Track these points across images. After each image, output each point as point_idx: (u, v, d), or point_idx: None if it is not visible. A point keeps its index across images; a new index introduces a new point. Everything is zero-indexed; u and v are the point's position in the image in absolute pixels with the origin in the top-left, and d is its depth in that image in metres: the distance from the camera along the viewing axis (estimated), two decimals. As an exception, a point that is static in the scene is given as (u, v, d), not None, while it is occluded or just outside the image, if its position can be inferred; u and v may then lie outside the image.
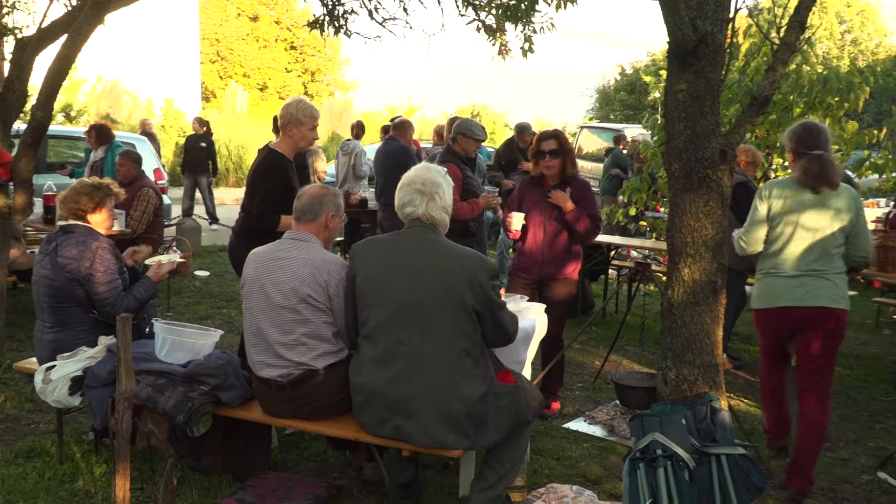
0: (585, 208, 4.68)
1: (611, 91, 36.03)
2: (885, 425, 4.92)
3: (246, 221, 4.30)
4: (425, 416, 3.02)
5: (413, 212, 3.18)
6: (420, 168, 3.30)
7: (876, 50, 38.32)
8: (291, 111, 4.27)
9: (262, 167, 4.28)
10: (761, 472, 2.81)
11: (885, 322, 7.77)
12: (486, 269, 3.08)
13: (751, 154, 5.88)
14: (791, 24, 3.39)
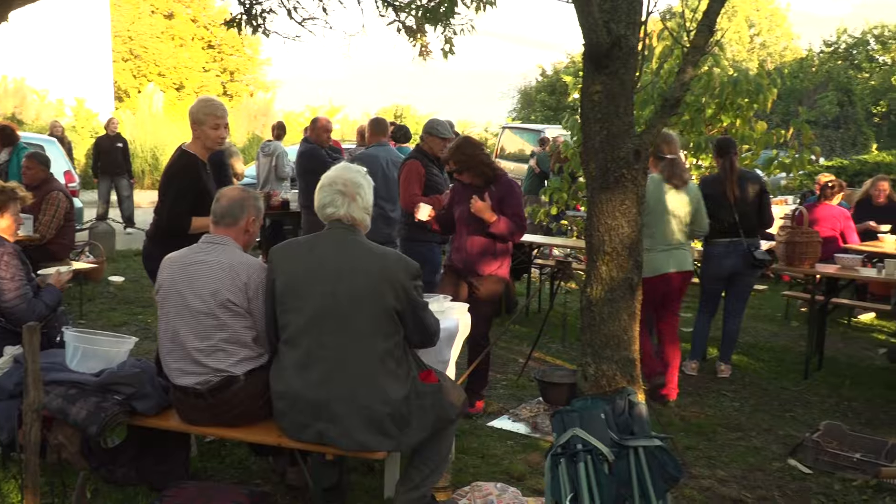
0: (509, 207, 4.72)
1: (532, 92, 36.52)
2: (795, 414, 5.13)
3: (159, 225, 4.20)
4: (348, 420, 2.99)
5: (334, 212, 3.14)
6: (341, 168, 3.27)
7: (783, 53, 39.99)
8: (193, 111, 4.24)
9: (173, 169, 4.21)
10: (676, 463, 2.89)
11: (793, 314, 8.09)
12: (407, 270, 3.08)
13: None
14: (700, 28, 3.50)
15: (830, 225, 7.75)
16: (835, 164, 16.77)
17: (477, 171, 4.76)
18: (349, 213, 3.14)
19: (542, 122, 27.49)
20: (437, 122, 5.86)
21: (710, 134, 8.81)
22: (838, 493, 3.89)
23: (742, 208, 5.64)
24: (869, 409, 5.26)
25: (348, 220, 3.14)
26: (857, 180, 13.90)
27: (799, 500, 3.81)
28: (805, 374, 5.92)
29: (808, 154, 9.19)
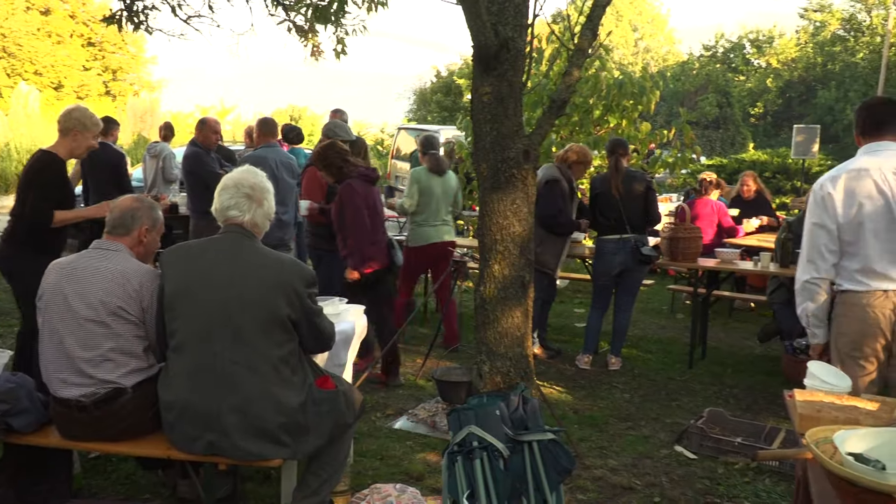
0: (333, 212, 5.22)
1: (427, 93, 36.72)
2: (681, 402, 5.35)
3: (17, 224, 4.21)
4: (240, 430, 2.91)
5: (237, 216, 3.04)
6: (246, 171, 3.16)
7: (666, 56, 41.72)
8: (78, 116, 4.29)
9: (35, 167, 4.24)
10: (569, 455, 2.97)
11: (679, 307, 8.44)
12: (302, 277, 3.02)
13: (582, 154, 6.18)
14: (584, 32, 3.61)
15: (710, 220, 8.16)
16: (715, 163, 17.64)
17: (327, 170, 5.25)
18: (253, 218, 3.06)
19: (439, 122, 27.67)
20: (335, 125, 5.90)
21: (598, 134, 9.10)
22: (721, 476, 4.09)
23: (629, 206, 5.85)
24: (749, 394, 5.54)
25: (250, 225, 3.06)
26: (736, 178, 14.65)
27: (685, 485, 3.98)
28: (690, 363, 6.19)
29: (689, 153, 9.63)
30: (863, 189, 3.13)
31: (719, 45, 38.18)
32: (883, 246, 3.11)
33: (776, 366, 6.14)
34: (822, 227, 3.20)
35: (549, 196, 5.88)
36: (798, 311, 3.35)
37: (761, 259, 6.15)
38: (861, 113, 3.36)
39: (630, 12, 42.45)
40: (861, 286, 3.15)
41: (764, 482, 4.00)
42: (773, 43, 36.64)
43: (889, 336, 3.15)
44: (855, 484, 1.78)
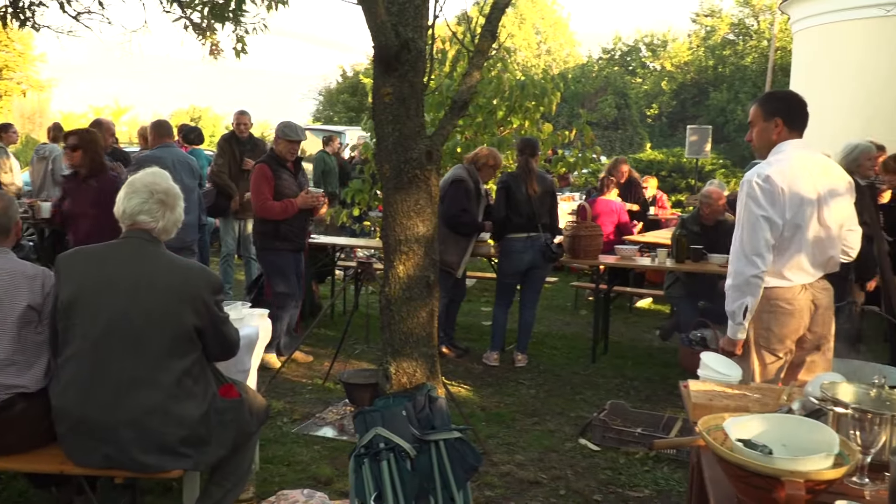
0: None
1: (334, 93, 36.39)
2: (584, 396, 5.49)
3: None
4: (139, 444, 2.79)
5: (147, 223, 2.90)
6: (158, 175, 3.02)
7: (567, 59, 42.66)
8: None
9: None
10: (476, 453, 3.00)
11: (582, 304, 8.65)
12: (210, 285, 2.92)
13: (493, 157, 6.25)
14: (483, 33, 3.65)
15: (610, 219, 8.40)
16: (615, 163, 18.11)
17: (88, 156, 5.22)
18: (165, 225, 2.94)
19: (346, 123, 27.46)
20: (286, 125, 5.84)
21: (502, 135, 9.23)
22: (623, 466, 4.22)
23: (540, 205, 5.97)
24: (648, 386, 5.74)
25: (160, 232, 2.93)
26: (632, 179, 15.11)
27: (589, 477, 4.08)
28: (593, 358, 6.36)
29: (590, 153, 9.88)
30: (803, 186, 3.16)
31: (617, 49, 39.36)
32: (809, 242, 3.19)
33: (674, 357, 6.37)
34: (769, 221, 3.12)
35: (453, 195, 5.93)
36: (731, 306, 3.24)
37: (658, 255, 6.37)
38: (786, 107, 3.27)
39: (533, 16, 43.21)
40: (786, 282, 3.22)
41: (663, 470, 4.15)
42: (668, 47, 38.03)
43: (807, 325, 3.26)
44: (744, 468, 1.86)
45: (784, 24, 25.09)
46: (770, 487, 1.80)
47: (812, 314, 3.25)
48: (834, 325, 3.36)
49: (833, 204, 3.19)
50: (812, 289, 3.24)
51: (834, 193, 3.20)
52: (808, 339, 3.29)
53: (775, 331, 3.24)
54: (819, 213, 3.17)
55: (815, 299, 3.24)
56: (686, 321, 6.34)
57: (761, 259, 3.12)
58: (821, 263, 3.25)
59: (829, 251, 3.24)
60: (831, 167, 3.30)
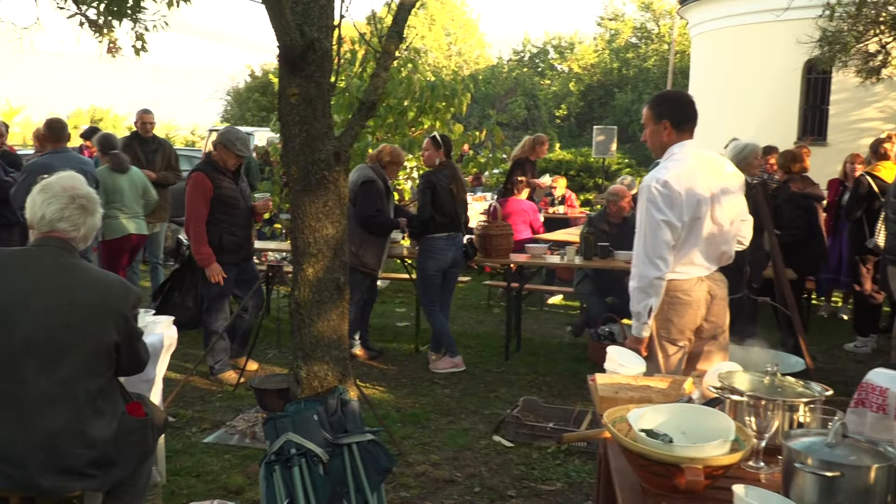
0: None
1: (243, 92, 35.66)
2: (498, 393, 5.55)
3: None
4: (45, 466, 2.61)
5: (67, 231, 2.69)
6: (77, 178, 2.81)
7: (477, 60, 43.06)
8: None
9: None
10: (388, 454, 3.00)
11: (495, 302, 8.74)
12: (130, 299, 2.77)
13: (395, 155, 6.23)
14: (390, 34, 3.65)
15: (522, 218, 8.53)
16: (525, 163, 18.41)
17: None
18: (85, 233, 2.74)
19: (257, 123, 26.92)
20: (237, 138, 5.51)
21: (413, 136, 9.24)
22: (536, 460, 4.29)
23: (460, 204, 6.01)
24: (560, 381, 5.85)
25: (78, 241, 2.73)
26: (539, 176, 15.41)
27: (503, 473, 4.13)
28: (506, 355, 6.44)
29: (500, 153, 10.00)
30: (698, 187, 3.26)
31: (526, 51, 39.98)
32: (704, 238, 3.33)
33: (584, 353, 6.51)
34: (669, 225, 3.20)
35: (366, 197, 5.90)
36: (637, 307, 3.31)
37: (567, 253, 6.50)
38: (672, 109, 3.34)
39: (443, 17, 43.43)
40: (683, 275, 3.34)
41: (574, 463, 4.24)
42: (574, 49, 38.88)
43: (704, 315, 3.40)
44: (646, 457, 1.92)
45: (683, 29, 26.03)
46: (671, 474, 1.86)
47: (708, 305, 3.40)
48: (728, 315, 3.52)
49: (725, 201, 3.34)
50: (708, 280, 3.38)
51: (726, 191, 3.35)
52: (706, 329, 3.44)
53: (675, 321, 3.37)
54: (712, 210, 3.31)
55: (710, 290, 3.39)
56: (595, 316, 6.50)
57: (663, 262, 3.22)
58: (715, 257, 3.40)
59: (723, 246, 3.39)
60: (724, 166, 3.44)
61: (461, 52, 43.55)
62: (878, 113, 14.08)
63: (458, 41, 44.12)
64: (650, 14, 37.40)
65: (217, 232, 5.43)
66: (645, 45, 36.94)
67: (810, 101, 15.17)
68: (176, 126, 33.43)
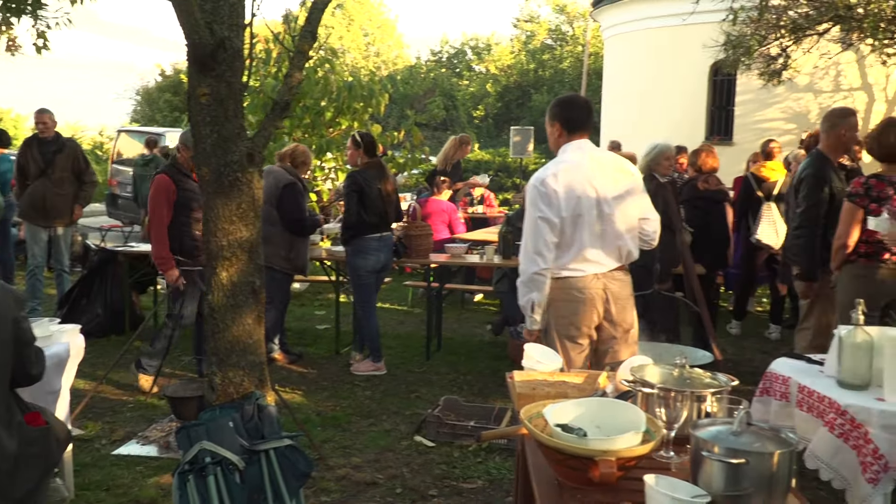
0: None
1: (153, 92, 34.60)
2: (419, 393, 5.55)
3: None
4: None
5: None
6: None
7: (396, 60, 43.00)
8: None
9: None
10: (307, 459, 2.96)
11: (416, 302, 8.74)
12: (18, 303, 2.67)
13: (306, 154, 6.16)
14: (303, 34, 3.59)
15: (441, 218, 8.56)
16: (444, 163, 18.49)
17: None
18: None
19: (169, 124, 26.16)
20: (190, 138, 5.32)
21: (331, 136, 9.17)
22: (457, 459, 4.31)
23: (390, 204, 5.96)
24: (480, 380, 5.89)
25: None
26: (465, 176, 15.50)
27: (424, 473, 4.14)
28: (427, 355, 6.45)
29: (419, 154, 10.01)
30: (579, 185, 3.38)
31: (444, 51, 40.16)
32: (594, 236, 3.41)
33: (504, 350, 6.58)
34: (547, 221, 3.35)
35: (291, 200, 5.81)
36: (521, 301, 3.49)
37: (486, 252, 6.56)
38: (561, 111, 3.53)
39: (361, 17, 43.17)
40: (578, 272, 3.42)
41: (495, 460, 4.28)
42: (492, 50, 39.27)
43: (602, 313, 3.48)
44: (561, 452, 1.95)
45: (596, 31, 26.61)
46: (585, 468, 1.90)
47: (605, 302, 3.46)
48: (634, 312, 3.60)
49: (615, 199, 3.42)
50: (605, 278, 3.45)
51: (617, 189, 3.44)
52: (606, 327, 3.51)
53: (571, 319, 3.46)
54: (600, 208, 3.40)
55: (606, 288, 3.45)
56: (514, 314, 6.57)
57: (542, 257, 3.37)
58: (612, 254, 3.46)
59: (617, 242, 3.45)
60: (614, 165, 3.52)
61: (379, 52, 43.42)
62: (780, 113, 14.72)
63: (376, 41, 43.96)
64: (565, 16, 38.10)
65: (180, 235, 5.26)
66: (560, 47, 37.61)
67: (717, 103, 15.76)
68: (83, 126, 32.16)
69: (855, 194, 4.16)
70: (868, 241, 4.14)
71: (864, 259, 4.16)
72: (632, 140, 12.90)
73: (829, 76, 13.90)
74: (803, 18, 8.39)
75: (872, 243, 4.12)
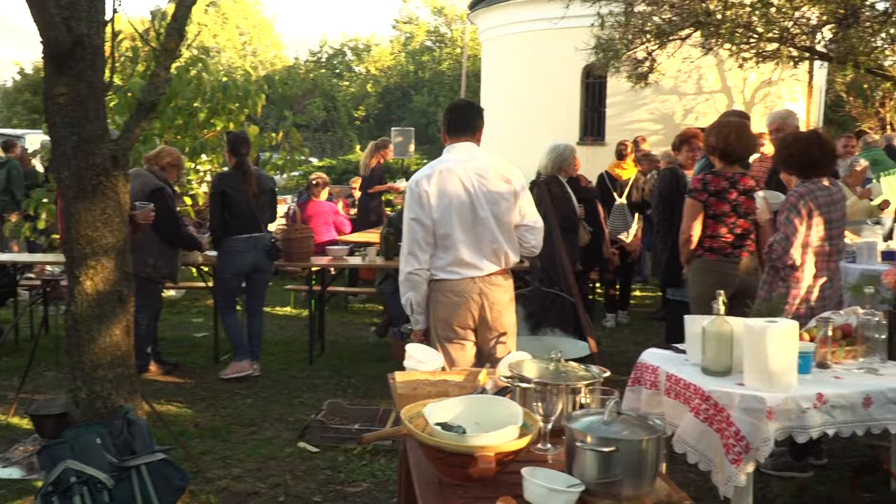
0: None
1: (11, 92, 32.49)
2: (303, 399, 5.45)
3: None
4: None
5: None
6: None
7: (274, 60, 42.18)
8: None
9: None
10: (182, 473, 2.85)
11: (298, 306, 8.59)
12: None
13: (176, 157, 5.91)
14: (169, 32, 3.47)
15: (323, 220, 8.47)
16: (325, 164, 18.33)
17: None
18: None
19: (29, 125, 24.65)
20: None
21: (205, 138, 8.88)
22: (342, 463, 4.26)
23: (260, 204, 5.81)
24: (365, 382, 5.85)
25: None
26: (345, 178, 15.41)
27: (308, 479, 4.07)
28: (310, 360, 6.35)
29: (298, 155, 9.87)
30: (452, 187, 3.41)
31: (324, 52, 39.73)
32: (470, 239, 3.44)
33: (389, 352, 6.56)
34: (419, 223, 3.40)
35: (166, 207, 5.58)
36: (402, 300, 3.53)
37: (368, 254, 6.53)
38: (446, 115, 3.64)
39: (236, 16, 42.07)
40: (454, 275, 3.45)
41: (380, 462, 4.26)
42: (371, 51, 39.18)
43: (477, 317, 3.51)
44: (442, 450, 1.96)
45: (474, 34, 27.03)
46: (465, 464, 1.92)
47: (481, 307, 3.49)
48: (513, 317, 3.62)
49: (489, 202, 3.44)
50: (482, 282, 3.47)
51: (491, 192, 3.45)
52: (483, 330, 3.53)
53: (448, 320, 3.50)
54: (474, 211, 3.43)
55: (483, 293, 3.47)
56: (398, 315, 6.57)
57: (415, 258, 3.44)
58: (489, 258, 3.48)
59: (493, 245, 3.47)
60: (491, 168, 3.52)
61: (256, 52, 42.49)
62: (648, 115, 15.41)
63: (252, 41, 42.98)
64: (443, 19, 38.51)
65: None
66: (439, 49, 37.99)
67: (589, 104, 16.31)
68: (-70, 129, 29.84)
69: (694, 190, 4.44)
70: (712, 237, 4.41)
71: (708, 253, 4.44)
72: (509, 141, 13.19)
73: (692, 79, 14.66)
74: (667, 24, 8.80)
75: (715, 237, 4.40)
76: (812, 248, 3.80)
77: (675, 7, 8.59)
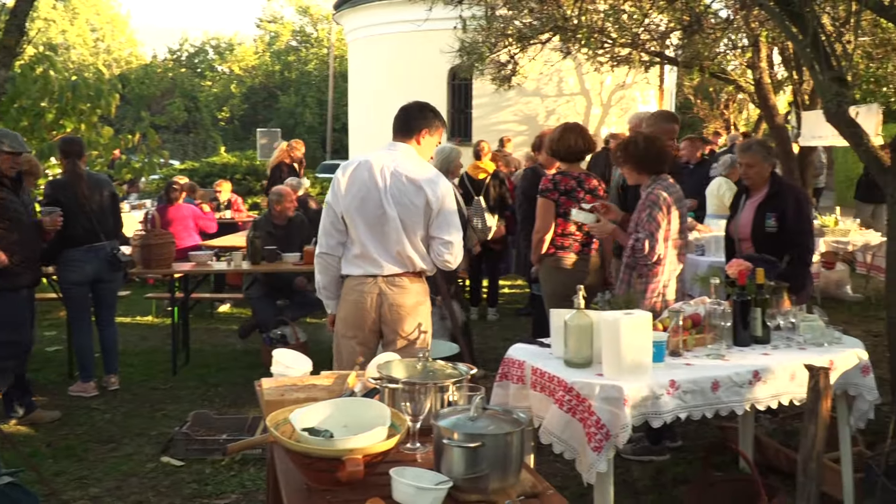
0: None
1: None
2: (167, 411, 5.24)
3: None
4: None
5: None
6: None
7: (129, 59, 40.24)
8: None
9: None
10: (31, 496, 2.67)
11: (160, 315, 8.24)
12: None
13: (34, 165, 5.49)
14: (9, 28, 3.25)
15: (183, 224, 8.17)
16: (188, 167, 17.67)
17: None
18: None
19: None
20: (4, 134, 4.54)
21: (53, 140, 8.37)
22: (209, 476, 4.13)
23: (98, 212, 5.47)
24: (233, 391, 5.69)
25: None
26: (209, 180, 14.91)
27: (173, 494, 3.92)
28: (174, 370, 6.11)
29: (157, 157, 9.47)
30: (363, 180, 3.37)
31: (184, 50, 38.30)
32: (375, 236, 3.37)
33: (258, 358, 6.40)
34: (330, 208, 3.43)
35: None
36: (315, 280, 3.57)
37: (233, 258, 6.35)
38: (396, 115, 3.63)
39: (87, 11, 39.84)
40: (358, 270, 3.41)
41: (249, 471, 4.16)
42: (235, 50, 38.12)
43: (377, 318, 3.43)
44: (309, 455, 1.94)
45: (340, 34, 26.85)
46: (333, 468, 1.90)
47: (380, 306, 3.41)
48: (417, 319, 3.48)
49: (398, 204, 3.37)
50: (382, 282, 3.40)
51: (402, 196, 3.37)
52: (386, 331, 3.46)
53: (346, 318, 3.46)
54: (382, 209, 3.36)
55: (382, 292, 3.40)
56: (266, 320, 6.44)
57: (324, 240, 3.48)
58: (393, 259, 3.40)
59: (397, 247, 3.39)
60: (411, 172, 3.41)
61: (110, 49, 40.40)
62: (512, 116, 15.83)
63: (105, 38, 40.85)
64: (308, 18, 38.00)
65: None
66: (305, 49, 37.46)
67: (456, 106, 16.57)
68: None
69: (546, 189, 4.62)
70: (563, 234, 4.60)
71: (559, 251, 4.62)
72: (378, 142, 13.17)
73: (553, 82, 15.18)
74: (528, 28, 9.03)
75: (566, 236, 4.59)
76: (672, 242, 4.01)
77: (534, 12, 8.83)
